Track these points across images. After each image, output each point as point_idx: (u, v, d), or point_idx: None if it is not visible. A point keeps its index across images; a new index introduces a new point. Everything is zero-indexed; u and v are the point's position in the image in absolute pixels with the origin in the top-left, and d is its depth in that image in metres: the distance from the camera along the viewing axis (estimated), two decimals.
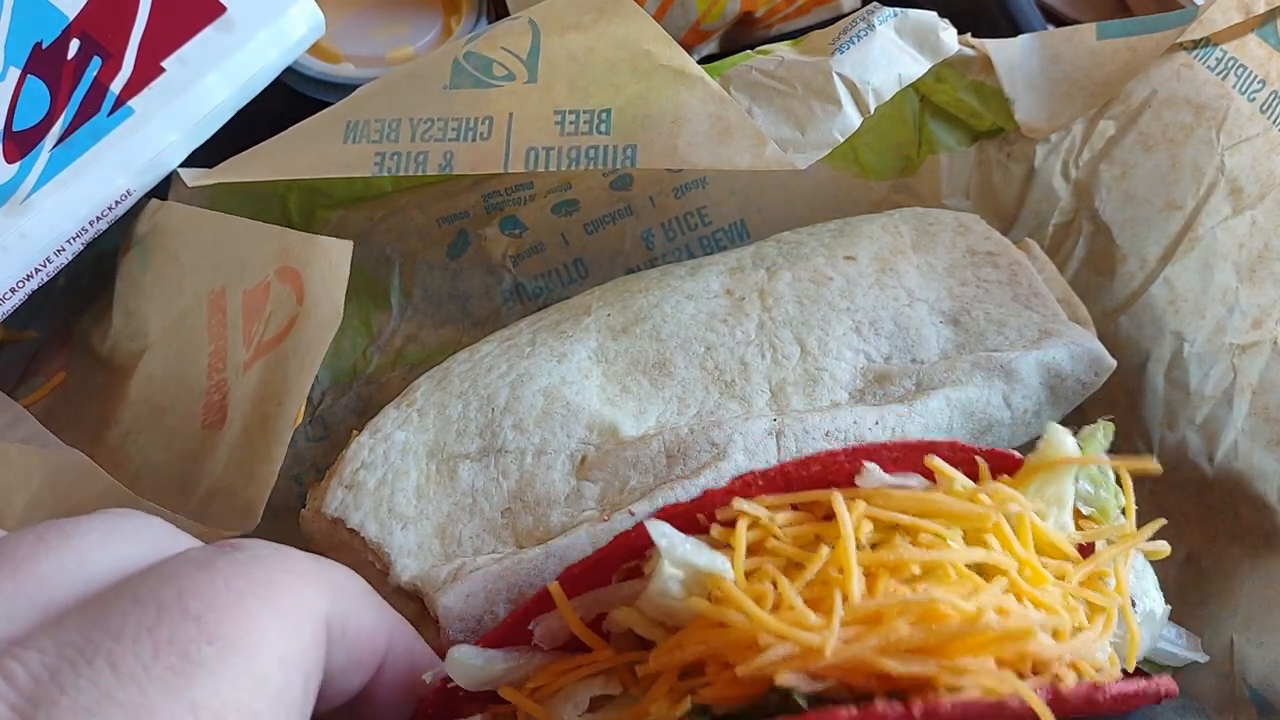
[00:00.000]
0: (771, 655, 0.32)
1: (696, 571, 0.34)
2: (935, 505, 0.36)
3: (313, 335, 0.44)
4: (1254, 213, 0.51)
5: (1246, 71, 0.52)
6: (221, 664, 0.26)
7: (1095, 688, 0.34)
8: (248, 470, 0.45)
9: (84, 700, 0.24)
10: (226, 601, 0.27)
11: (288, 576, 0.29)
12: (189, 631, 0.26)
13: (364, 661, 0.33)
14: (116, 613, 0.26)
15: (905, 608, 0.33)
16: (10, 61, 0.49)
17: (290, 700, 0.28)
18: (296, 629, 0.28)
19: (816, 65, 0.49)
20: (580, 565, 0.37)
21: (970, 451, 0.39)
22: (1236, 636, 0.45)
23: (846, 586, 0.33)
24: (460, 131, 0.49)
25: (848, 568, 0.34)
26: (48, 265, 0.51)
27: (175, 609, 0.26)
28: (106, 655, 0.25)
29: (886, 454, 0.38)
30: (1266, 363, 0.49)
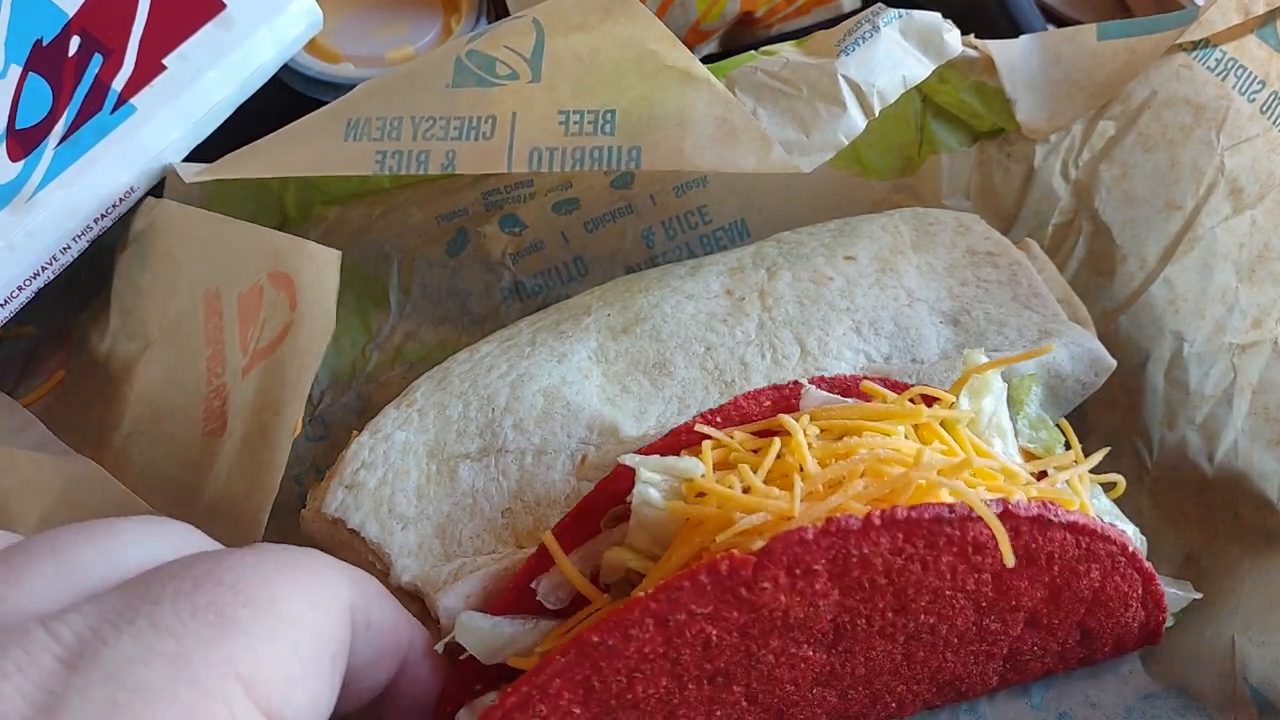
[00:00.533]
0: (745, 523, 0.34)
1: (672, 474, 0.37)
2: (874, 411, 0.39)
3: (307, 342, 0.44)
4: (1254, 213, 0.51)
5: (1246, 72, 0.52)
6: (256, 624, 0.27)
7: (1046, 505, 0.36)
8: (249, 480, 0.45)
9: (125, 651, 0.25)
10: (258, 576, 0.28)
11: (311, 563, 0.30)
12: (225, 595, 0.27)
13: (387, 656, 0.34)
14: (156, 583, 0.27)
15: (858, 468, 0.36)
16: (11, 59, 0.49)
17: (319, 672, 0.29)
18: (324, 608, 0.29)
19: (821, 67, 0.49)
20: (568, 517, 0.39)
21: (901, 386, 0.42)
22: (1237, 636, 0.46)
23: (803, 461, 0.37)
24: (463, 131, 0.49)
25: (801, 455, 0.37)
26: (53, 263, 0.51)
27: (210, 580, 0.27)
28: (147, 615, 0.26)
29: (825, 385, 0.42)
30: (1266, 362, 0.49)
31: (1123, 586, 0.40)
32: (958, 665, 0.41)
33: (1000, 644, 0.40)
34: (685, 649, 0.34)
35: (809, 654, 0.36)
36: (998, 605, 0.38)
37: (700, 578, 0.33)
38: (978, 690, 0.43)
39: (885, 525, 0.33)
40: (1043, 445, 0.44)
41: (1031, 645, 0.41)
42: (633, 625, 0.33)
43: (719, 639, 0.34)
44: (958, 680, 0.42)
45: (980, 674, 0.42)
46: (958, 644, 0.39)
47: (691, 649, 0.34)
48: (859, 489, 0.35)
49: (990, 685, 0.43)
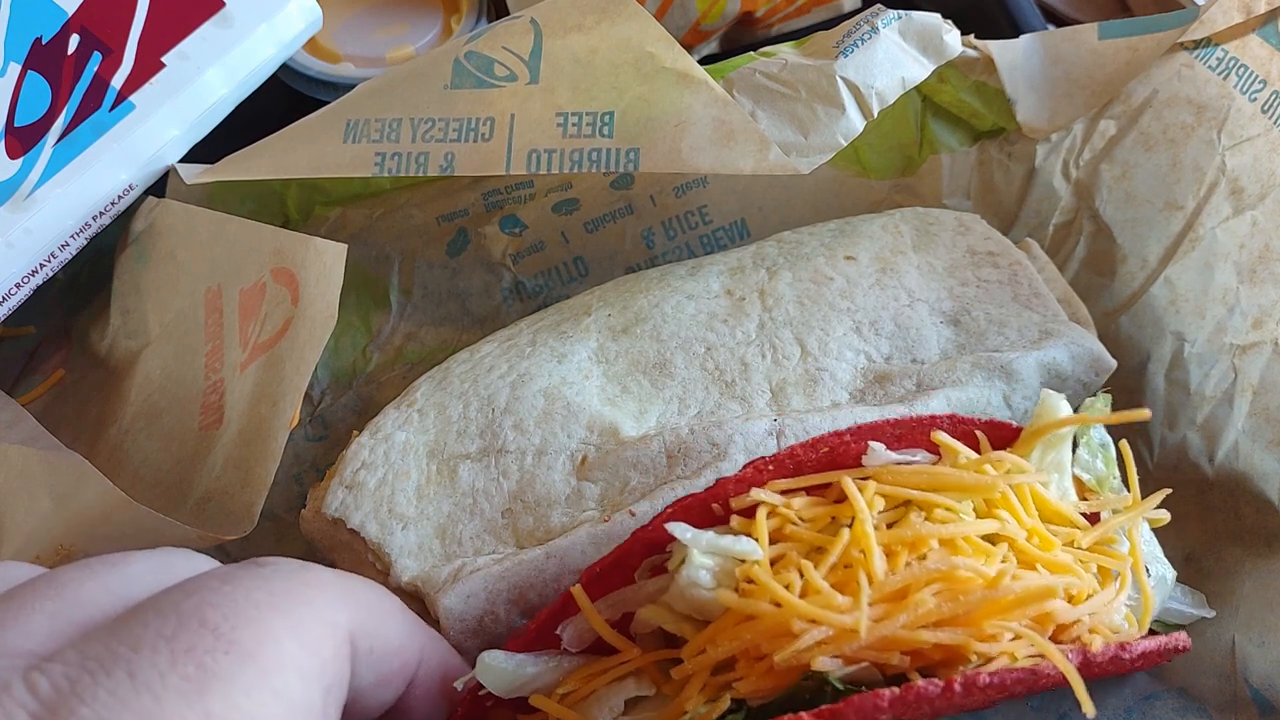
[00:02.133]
0: (807, 640, 0.32)
1: (726, 558, 0.35)
2: (944, 479, 0.37)
3: (308, 337, 0.44)
4: (1254, 213, 0.51)
5: (1248, 71, 0.52)
6: (237, 673, 0.26)
7: (1122, 647, 0.35)
8: (244, 473, 0.45)
9: (100, 709, 0.24)
10: (245, 613, 0.27)
11: (309, 590, 0.29)
12: (206, 641, 0.26)
13: (393, 678, 0.33)
14: (139, 624, 0.26)
15: (928, 579, 0.34)
16: (10, 58, 0.49)
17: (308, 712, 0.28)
18: (316, 642, 0.28)
19: (820, 69, 0.49)
20: (601, 564, 0.37)
21: (970, 424, 0.40)
22: (1238, 636, 0.45)
23: (869, 566, 0.34)
24: (461, 132, 0.49)
25: (868, 547, 0.34)
26: (52, 261, 0.51)
27: (194, 620, 0.26)
28: (125, 665, 0.25)
29: (890, 430, 0.39)
30: (1267, 363, 0.49)
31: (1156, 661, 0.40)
32: None
33: None
34: None
35: None
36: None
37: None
38: None
39: (965, 690, 0.32)
40: (1097, 475, 0.43)
41: None
42: None
43: None
44: None
45: None
46: None
47: None
48: (929, 605, 0.33)
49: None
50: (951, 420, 0.40)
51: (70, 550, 0.44)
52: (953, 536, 0.35)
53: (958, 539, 0.35)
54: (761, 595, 0.34)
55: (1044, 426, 0.40)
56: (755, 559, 0.35)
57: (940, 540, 0.35)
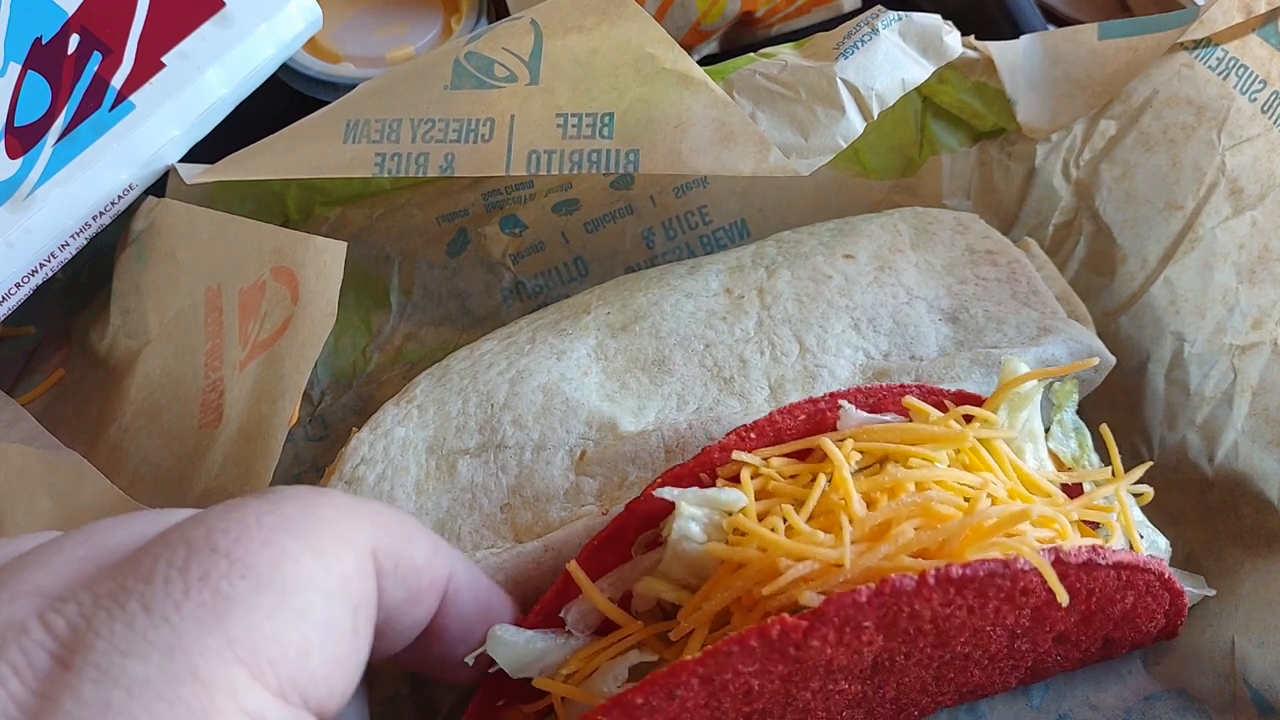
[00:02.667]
0: (792, 574, 0.33)
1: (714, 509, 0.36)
2: (916, 433, 0.38)
3: (307, 335, 0.44)
4: (1254, 213, 0.51)
5: (1248, 71, 0.52)
6: (256, 598, 0.25)
7: (1095, 550, 0.36)
8: (243, 470, 0.45)
9: (118, 643, 0.24)
10: (257, 536, 0.26)
11: (322, 509, 0.28)
12: (219, 567, 0.25)
13: (424, 594, 0.32)
14: (149, 557, 0.26)
15: (908, 514, 0.35)
16: (10, 57, 0.49)
17: (339, 633, 0.27)
18: (336, 559, 0.27)
19: (820, 70, 0.49)
20: (598, 538, 0.38)
21: (939, 394, 0.41)
22: (1237, 637, 0.45)
23: (849, 509, 0.35)
24: (461, 133, 0.49)
25: (847, 492, 0.35)
26: (51, 261, 0.51)
27: (204, 546, 0.26)
28: (139, 597, 0.24)
29: (863, 398, 0.40)
30: (1266, 363, 0.49)
31: (1151, 604, 0.40)
32: (983, 677, 0.41)
33: (1027, 658, 0.40)
34: (726, 698, 0.33)
35: (845, 687, 0.36)
36: (1032, 631, 0.37)
37: (750, 642, 0.32)
38: (997, 691, 0.44)
39: (939, 584, 0.32)
40: (1071, 453, 0.44)
41: (1056, 656, 0.41)
42: (678, 686, 0.32)
43: (760, 687, 0.33)
44: (980, 688, 0.42)
45: (1002, 681, 0.42)
46: (988, 663, 0.39)
47: (733, 698, 0.33)
48: (909, 535, 0.34)
49: (1009, 687, 0.44)
50: (921, 389, 0.41)
51: None
52: (928, 479, 0.36)
53: (932, 481, 0.36)
54: (749, 542, 0.35)
55: (1006, 383, 0.41)
56: (740, 507, 0.36)
57: (918, 484, 0.36)
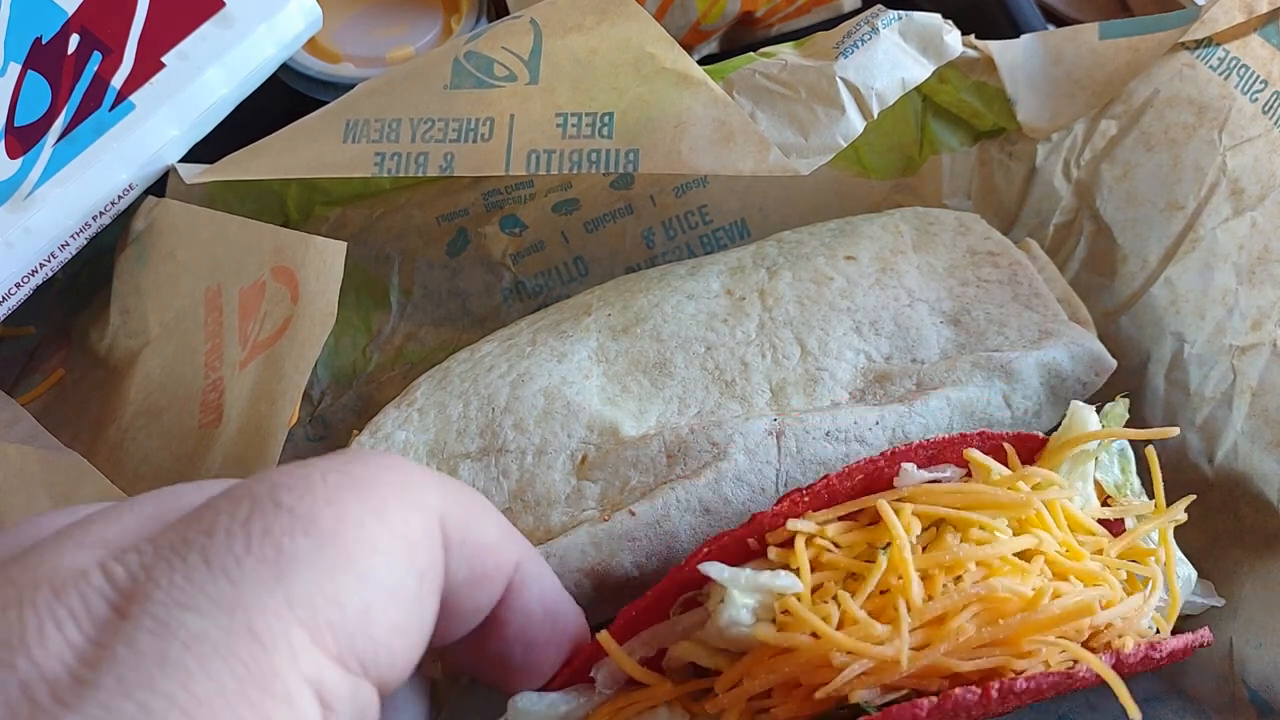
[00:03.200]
0: (849, 674, 0.32)
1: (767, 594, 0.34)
2: (978, 497, 0.37)
3: (307, 335, 0.44)
4: (1254, 214, 0.51)
5: (1249, 71, 0.52)
6: (319, 556, 0.24)
7: (1152, 646, 0.36)
8: (243, 470, 0.45)
9: (177, 595, 0.23)
10: (323, 494, 0.25)
11: (391, 473, 0.27)
12: (282, 522, 0.24)
13: (489, 577, 0.30)
14: (211, 510, 0.25)
15: (966, 602, 0.34)
16: (10, 57, 0.49)
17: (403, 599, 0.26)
18: (402, 524, 0.26)
19: (820, 69, 0.49)
20: (636, 606, 0.36)
21: (998, 438, 0.40)
22: (1236, 638, 0.45)
23: (907, 592, 0.34)
24: (461, 132, 0.49)
25: (906, 574, 0.34)
26: (51, 261, 0.51)
27: (268, 501, 0.25)
28: (200, 550, 0.24)
29: (923, 453, 0.38)
30: (1266, 364, 0.49)
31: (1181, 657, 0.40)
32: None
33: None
34: None
35: None
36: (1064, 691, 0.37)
37: None
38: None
39: (1002, 696, 0.32)
40: (1115, 480, 0.43)
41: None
42: None
43: None
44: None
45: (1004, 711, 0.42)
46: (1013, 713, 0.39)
47: None
48: (969, 631, 0.33)
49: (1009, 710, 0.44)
50: (982, 436, 0.40)
51: None
52: (989, 558, 0.35)
53: (994, 559, 0.35)
54: (799, 627, 0.34)
55: (1074, 439, 0.40)
56: (794, 592, 0.34)
57: (978, 562, 0.35)
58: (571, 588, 0.43)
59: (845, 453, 0.45)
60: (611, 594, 0.45)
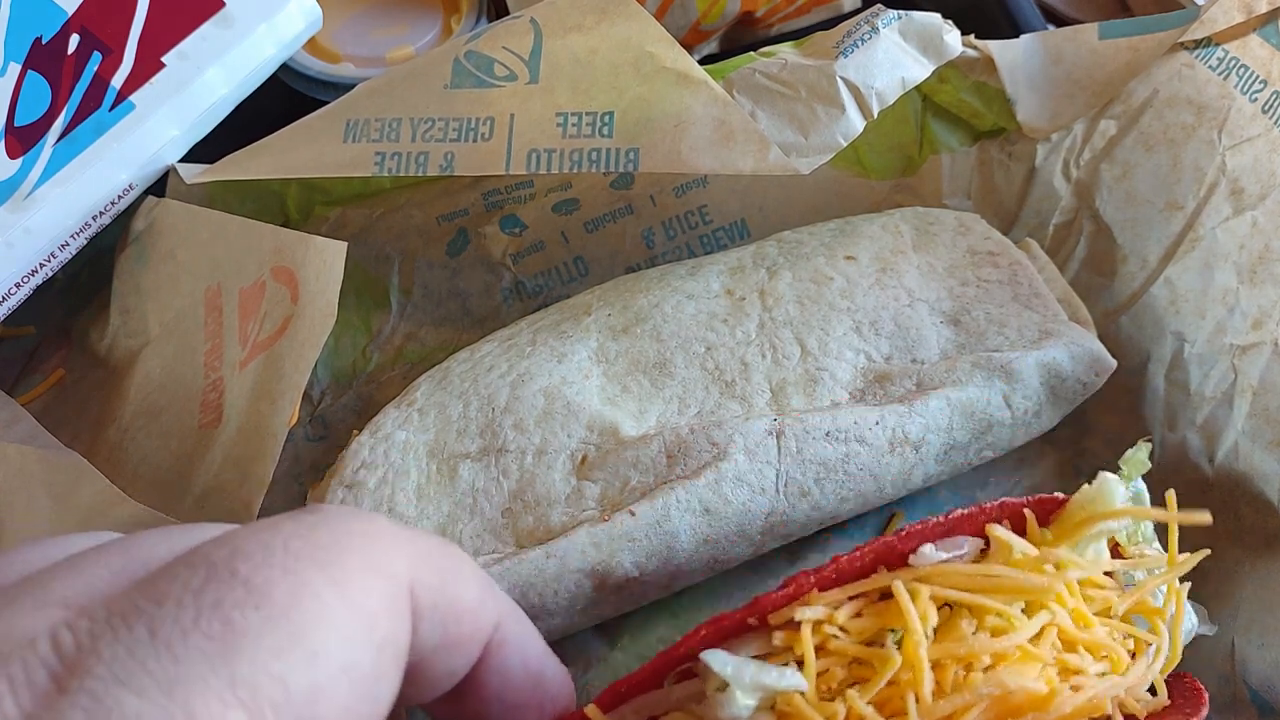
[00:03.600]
0: None
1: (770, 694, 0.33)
2: (999, 582, 0.35)
3: (307, 334, 0.44)
4: (1255, 213, 0.51)
5: (1248, 71, 0.52)
6: (269, 633, 0.23)
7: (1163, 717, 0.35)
8: (243, 470, 0.45)
9: (118, 670, 0.22)
10: (282, 564, 0.24)
11: (358, 538, 0.26)
12: (235, 594, 0.23)
13: (464, 642, 0.29)
14: (168, 577, 0.24)
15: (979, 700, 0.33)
16: (10, 57, 0.49)
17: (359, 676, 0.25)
18: (363, 594, 0.25)
19: (820, 69, 0.49)
20: (626, 682, 0.35)
21: (1018, 506, 0.38)
22: (1237, 638, 0.45)
23: (919, 687, 0.33)
24: (461, 132, 0.49)
25: (919, 669, 0.33)
26: (51, 261, 0.51)
27: (224, 570, 0.24)
28: (147, 621, 0.23)
29: (939, 530, 0.37)
30: (1267, 364, 0.49)
31: None
32: None
33: None
34: None
35: None
36: None
37: None
38: None
39: None
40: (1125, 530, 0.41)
41: None
42: None
43: None
44: None
45: None
46: None
47: None
48: None
49: None
50: (1002, 508, 0.38)
51: None
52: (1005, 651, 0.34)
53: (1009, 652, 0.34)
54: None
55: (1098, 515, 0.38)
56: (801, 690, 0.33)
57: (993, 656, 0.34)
58: (572, 588, 0.43)
59: (845, 452, 0.45)
60: (611, 594, 0.45)
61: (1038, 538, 0.37)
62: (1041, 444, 0.53)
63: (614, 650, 0.49)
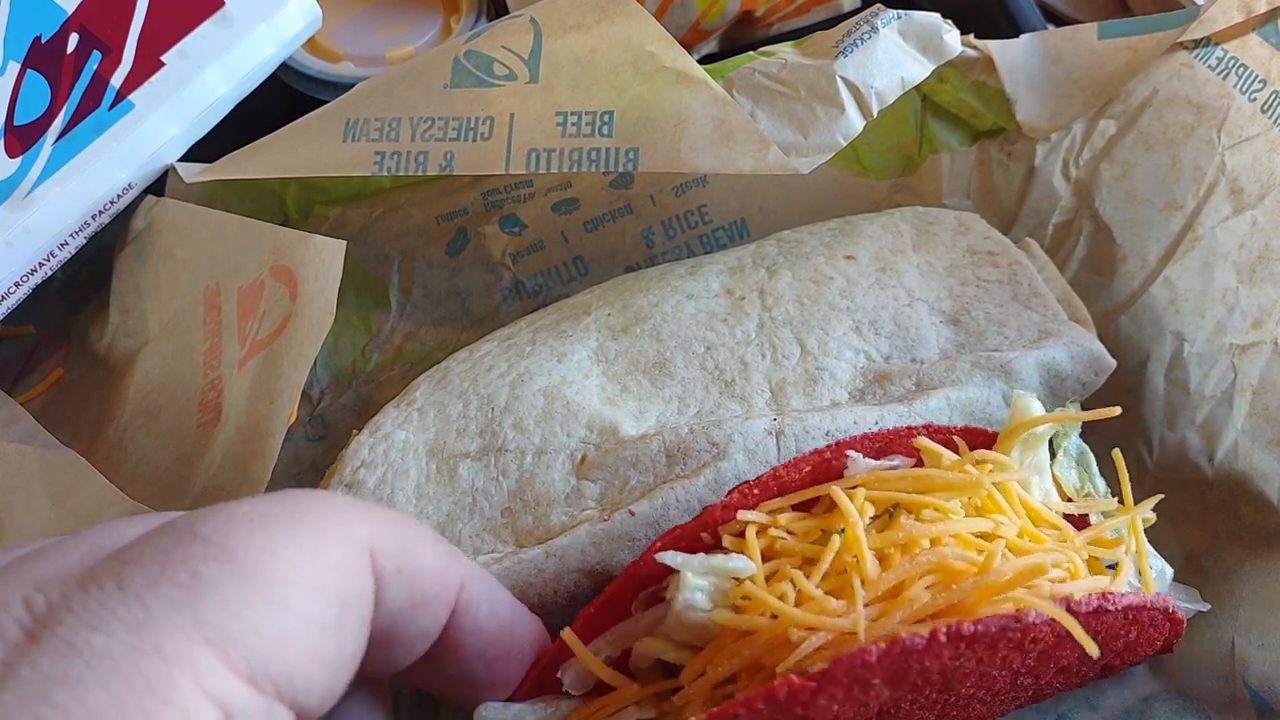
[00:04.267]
0: (806, 648, 0.32)
1: (720, 577, 0.35)
2: (930, 481, 0.37)
3: (306, 333, 0.44)
4: (1254, 213, 0.51)
5: (1247, 71, 0.52)
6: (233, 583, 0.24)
7: (1104, 597, 0.35)
8: (241, 469, 0.45)
9: (88, 618, 0.23)
10: (246, 527, 0.26)
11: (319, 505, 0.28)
12: (199, 550, 0.25)
13: (431, 602, 0.31)
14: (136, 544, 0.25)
15: (921, 572, 0.34)
16: (10, 56, 0.49)
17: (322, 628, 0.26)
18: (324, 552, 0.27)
19: (820, 68, 0.49)
20: (595, 605, 0.37)
21: (947, 432, 0.40)
22: (1237, 638, 0.45)
23: (862, 570, 0.34)
24: (461, 131, 0.49)
25: (860, 552, 0.34)
26: (51, 260, 0.51)
27: (188, 532, 0.25)
28: (115, 576, 0.24)
29: (869, 444, 0.39)
30: (1266, 363, 0.49)
31: (1153, 634, 0.40)
32: (985, 710, 0.40)
33: (1028, 689, 0.40)
34: None
35: None
36: (1035, 668, 0.37)
37: (758, 704, 0.31)
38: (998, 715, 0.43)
39: (950, 640, 0.31)
40: (1074, 483, 0.43)
41: (1056, 683, 0.41)
42: None
43: None
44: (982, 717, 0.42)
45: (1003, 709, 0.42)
46: (990, 699, 0.38)
47: None
48: (924, 599, 0.33)
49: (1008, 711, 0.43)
50: (928, 429, 0.40)
51: None
52: (943, 534, 0.35)
53: (947, 535, 0.35)
54: (757, 609, 0.34)
55: (1019, 426, 0.40)
56: (748, 574, 0.35)
57: (932, 540, 0.35)
58: (571, 587, 0.43)
59: None
60: None
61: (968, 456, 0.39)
62: None
63: None
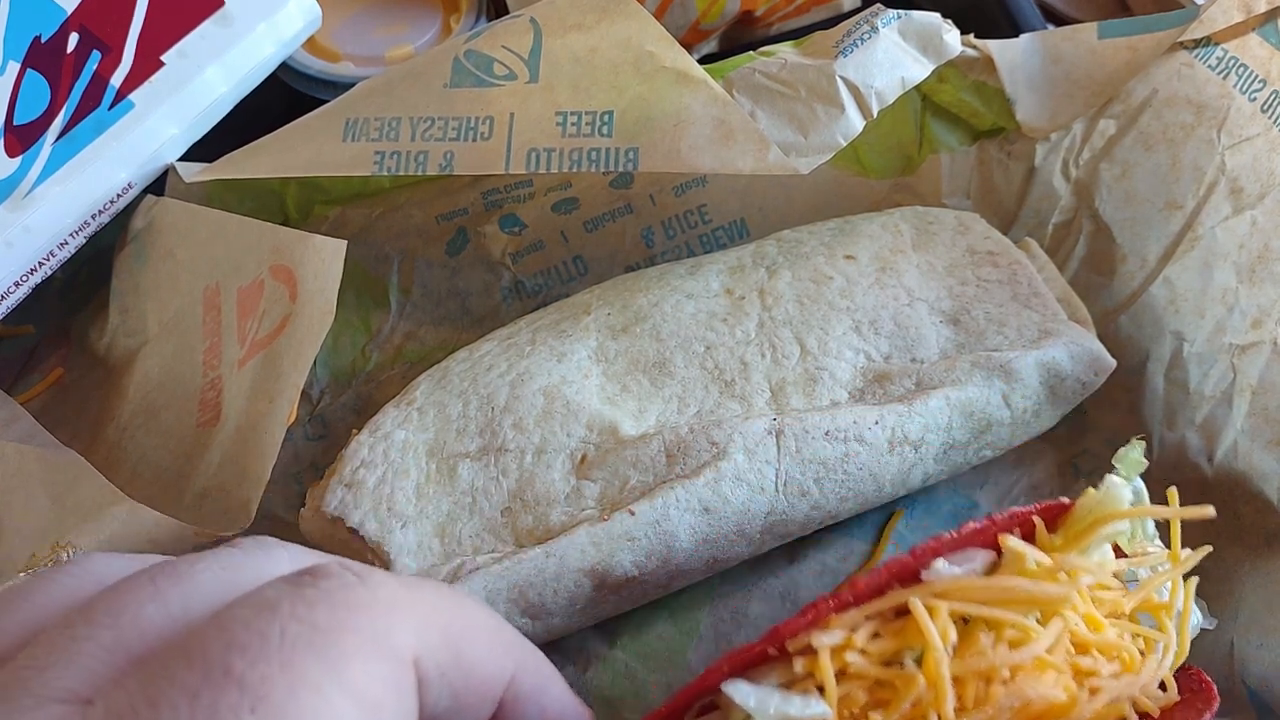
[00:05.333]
0: None
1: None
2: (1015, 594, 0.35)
3: (306, 333, 0.44)
4: (1254, 213, 0.51)
5: (1247, 71, 0.52)
6: None
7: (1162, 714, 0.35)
8: (241, 468, 0.45)
9: None
10: (277, 657, 0.24)
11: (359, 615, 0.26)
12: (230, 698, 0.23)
13: (476, 699, 0.29)
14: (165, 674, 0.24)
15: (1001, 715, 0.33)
16: (9, 56, 0.49)
17: None
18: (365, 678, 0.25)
19: (820, 68, 0.49)
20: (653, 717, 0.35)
21: (1027, 514, 0.38)
22: (1236, 638, 0.45)
23: (940, 705, 0.33)
24: (461, 131, 0.49)
25: (941, 688, 0.33)
26: (51, 259, 0.51)
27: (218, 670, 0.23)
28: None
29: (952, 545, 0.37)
30: (1266, 363, 0.49)
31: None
32: None
33: None
34: None
35: None
36: None
37: None
38: None
39: None
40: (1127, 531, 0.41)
41: None
42: None
43: None
44: None
45: None
46: None
47: None
48: None
49: None
50: (1012, 518, 0.38)
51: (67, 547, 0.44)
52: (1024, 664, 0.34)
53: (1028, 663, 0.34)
54: None
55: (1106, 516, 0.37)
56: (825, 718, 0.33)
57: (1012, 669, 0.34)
58: (571, 587, 0.43)
59: (844, 452, 0.45)
60: (611, 593, 0.45)
61: (1047, 543, 0.37)
62: (1041, 443, 0.53)
63: (613, 649, 0.49)
